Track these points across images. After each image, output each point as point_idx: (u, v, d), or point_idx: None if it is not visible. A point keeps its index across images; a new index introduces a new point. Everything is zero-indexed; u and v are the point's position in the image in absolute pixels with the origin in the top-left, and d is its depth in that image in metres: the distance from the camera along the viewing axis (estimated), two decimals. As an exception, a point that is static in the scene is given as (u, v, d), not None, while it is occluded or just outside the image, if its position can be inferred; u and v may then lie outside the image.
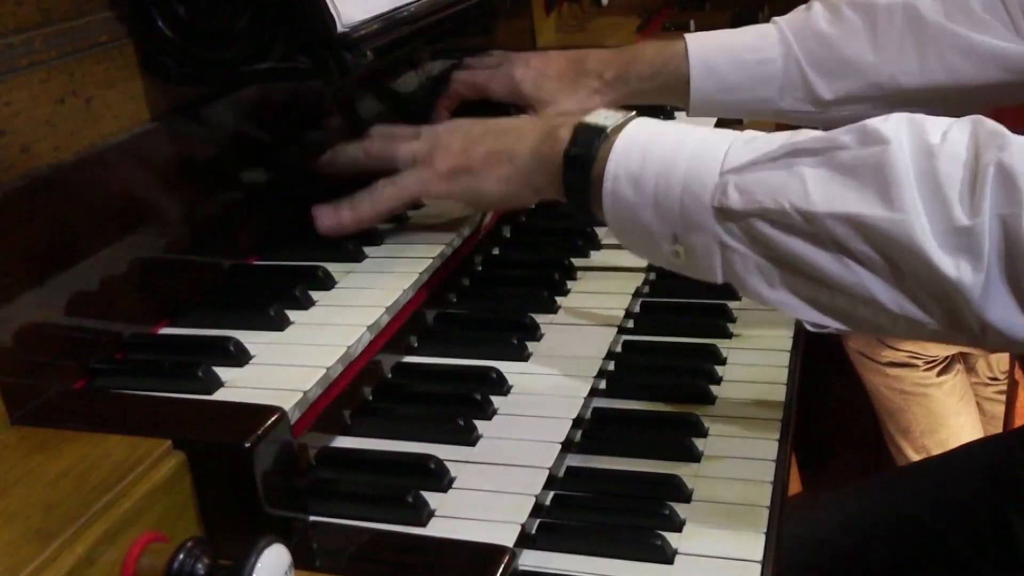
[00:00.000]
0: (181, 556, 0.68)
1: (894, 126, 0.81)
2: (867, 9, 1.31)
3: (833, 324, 0.86)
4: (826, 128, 0.87)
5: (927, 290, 0.79)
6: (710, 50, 1.33)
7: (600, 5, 2.24)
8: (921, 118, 0.83)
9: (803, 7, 1.37)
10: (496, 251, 1.35)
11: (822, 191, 0.81)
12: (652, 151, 0.90)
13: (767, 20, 2.37)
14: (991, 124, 0.80)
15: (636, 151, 0.90)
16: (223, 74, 0.99)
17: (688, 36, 1.35)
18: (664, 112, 1.64)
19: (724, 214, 0.85)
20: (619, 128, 0.93)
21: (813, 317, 0.87)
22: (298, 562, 0.71)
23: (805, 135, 0.86)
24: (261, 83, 1.10)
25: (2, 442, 0.77)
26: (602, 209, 0.93)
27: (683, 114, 1.44)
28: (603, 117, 0.96)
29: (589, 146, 0.94)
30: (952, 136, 0.80)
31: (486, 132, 1.08)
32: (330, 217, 1.11)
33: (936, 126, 0.81)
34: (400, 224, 1.19)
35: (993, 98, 1.32)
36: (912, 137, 0.80)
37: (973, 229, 0.76)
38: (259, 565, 0.66)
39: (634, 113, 0.96)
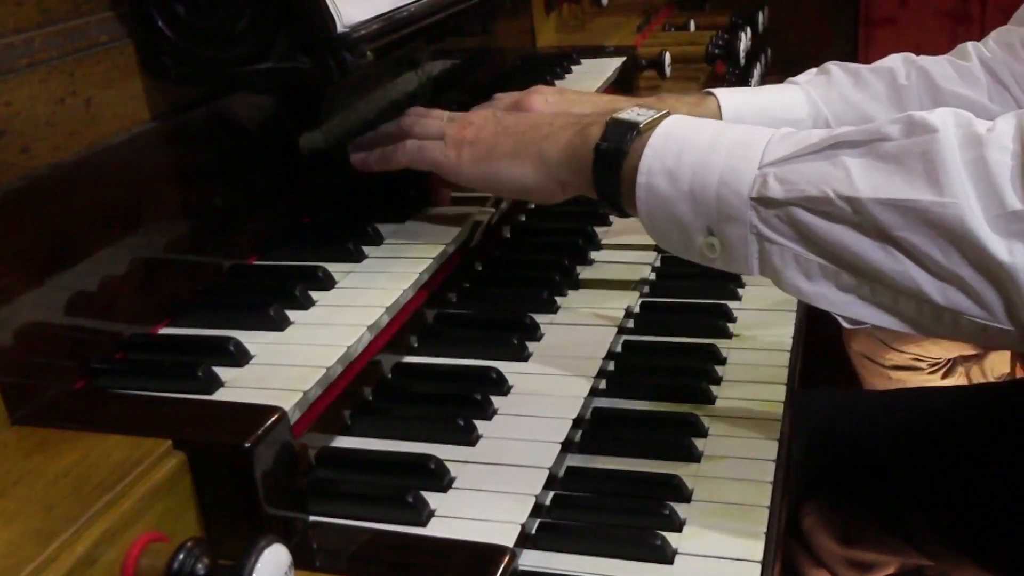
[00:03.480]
0: (181, 556, 0.68)
1: (941, 117, 0.81)
2: (887, 75, 1.35)
3: (872, 319, 0.85)
4: None
5: (978, 277, 0.78)
6: (741, 105, 1.33)
7: (600, 5, 2.24)
8: (965, 112, 0.83)
9: (817, 70, 1.39)
10: (496, 251, 1.35)
11: (867, 178, 0.81)
12: (688, 145, 0.90)
13: (767, 21, 2.37)
14: None
15: (672, 145, 0.91)
16: (223, 74, 0.99)
17: (718, 92, 1.35)
18: None
19: (764, 203, 0.85)
20: (652, 124, 0.94)
21: (851, 311, 0.86)
22: (298, 562, 0.71)
23: (846, 129, 0.86)
24: (261, 83, 1.10)
25: (2, 442, 0.77)
26: (633, 204, 0.94)
27: None
28: (635, 114, 0.97)
29: (621, 141, 0.95)
30: (999, 127, 0.80)
31: (517, 123, 1.09)
32: (359, 157, 1.19)
33: (980, 120, 0.81)
34: (400, 224, 1.19)
35: None
36: (959, 128, 0.80)
37: None
38: (259, 565, 0.66)
39: (667, 111, 0.97)
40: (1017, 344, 0.81)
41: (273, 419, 0.78)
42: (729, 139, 0.90)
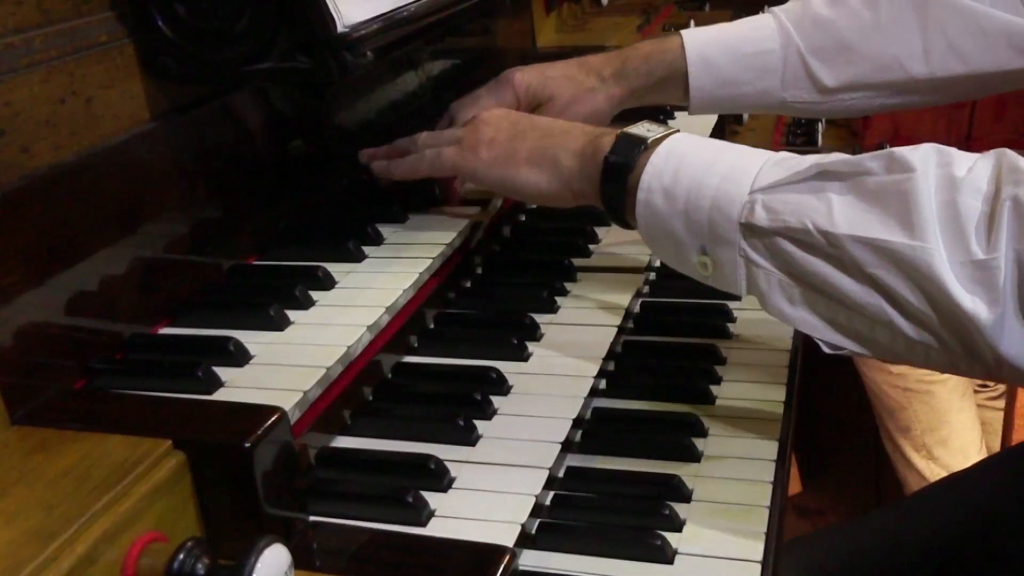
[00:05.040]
0: (181, 556, 0.68)
1: (922, 155, 0.82)
2: None
3: (850, 346, 0.87)
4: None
5: (943, 319, 0.80)
6: (707, 44, 1.32)
7: (600, 5, 2.24)
8: (948, 150, 0.83)
9: None
10: (496, 251, 1.35)
11: (846, 214, 0.82)
12: (686, 166, 0.92)
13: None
14: (1013, 158, 0.80)
15: (671, 164, 0.92)
16: (223, 74, 0.99)
17: (684, 32, 1.34)
18: (664, 112, 1.64)
19: (750, 230, 0.87)
20: (659, 141, 0.95)
21: (831, 338, 0.88)
22: (298, 562, 0.71)
23: (834, 158, 0.87)
24: (261, 83, 1.11)
25: (2, 442, 0.77)
26: (634, 217, 0.96)
27: (684, 114, 1.43)
28: (645, 129, 0.98)
29: (628, 155, 0.96)
30: (976, 170, 0.80)
31: (533, 128, 1.10)
32: (380, 165, 1.20)
33: (963, 159, 0.82)
34: (400, 224, 1.19)
35: (1006, 84, 1.28)
36: (939, 168, 0.81)
37: (989, 263, 0.76)
38: (259, 565, 0.66)
39: (676, 129, 0.98)
40: (985, 378, 0.82)
41: (273, 419, 0.78)
42: (726, 162, 0.91)
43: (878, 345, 0.86)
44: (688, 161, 0.92)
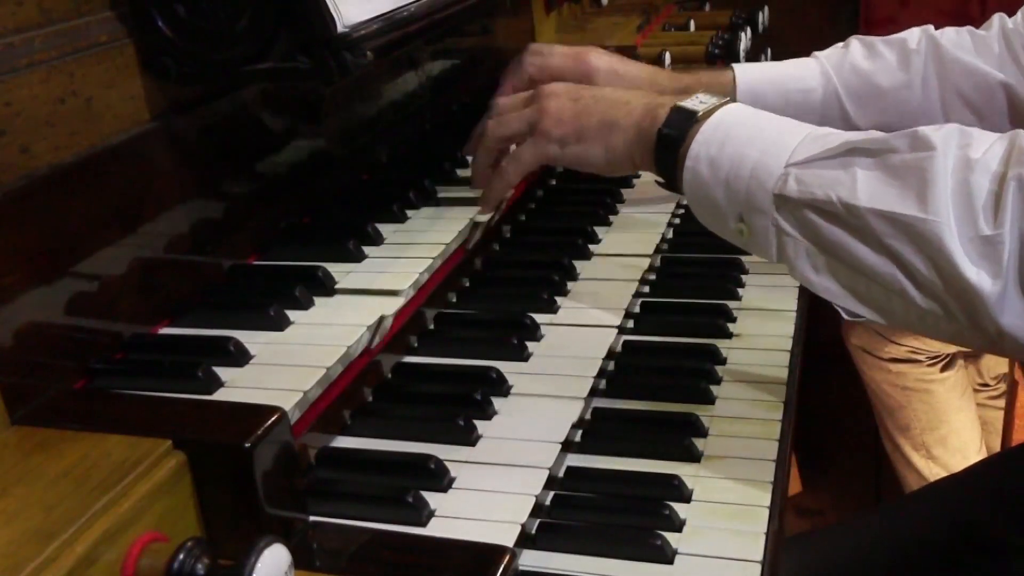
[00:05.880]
0: (181, 556, 0.68)
1: (944, 135, 0.87)
2: (900, 45, 1.43)
3: (868, 314, 0.93)
4: None
5: (950, 290, 0.84)
6: (756, 80, 1.44)
7: (600, 5, 2.24)
8: (971, 130, 0.88)
9: (841, 44, 1.48)
10: (496, 251, 1.35)
11: (868, 188, 0.88)
12: (731, 138, 0.98)
13: (767, 21, 2.38)
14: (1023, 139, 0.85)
15: (718, 136, 0.99)
16: (223, 74, 0.99)
17: (736, 66, 1.46)
18: None
19: (782, 201, 0.93)
20: (709, 113, 1.02)
21: (851, 305, 0.93)
22: (298, 562, 0.71)
23: (864, 135, 0.93)
24: (261, 83, 1.10)
25: (2, 442, 0.77)
26: (683, 184, 1.03)
27: None
28: (698, 102, 1.05)
29: (680, 127, 1.03)
30: (992, 150, 0.85)
31: (596, 101, 1.16)
32: (483, 200, 1.25)
33: (982, 139, 0.87)
34: (400, 224, 1.19)
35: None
36: (958, 149, 0.86)
37: (994, 239, 0.82)
38: (259, 565, 0.66)
39: (728, 100, 1.05)
40: (990, 350, 0.86)
41: (273, 419, 0.78)
42: (768, 136, 0.97)
43: (893, 314, 0.91)
44: (733, 134, 0.98)
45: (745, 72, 1.45)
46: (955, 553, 1.32)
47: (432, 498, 0.87)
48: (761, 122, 1.00)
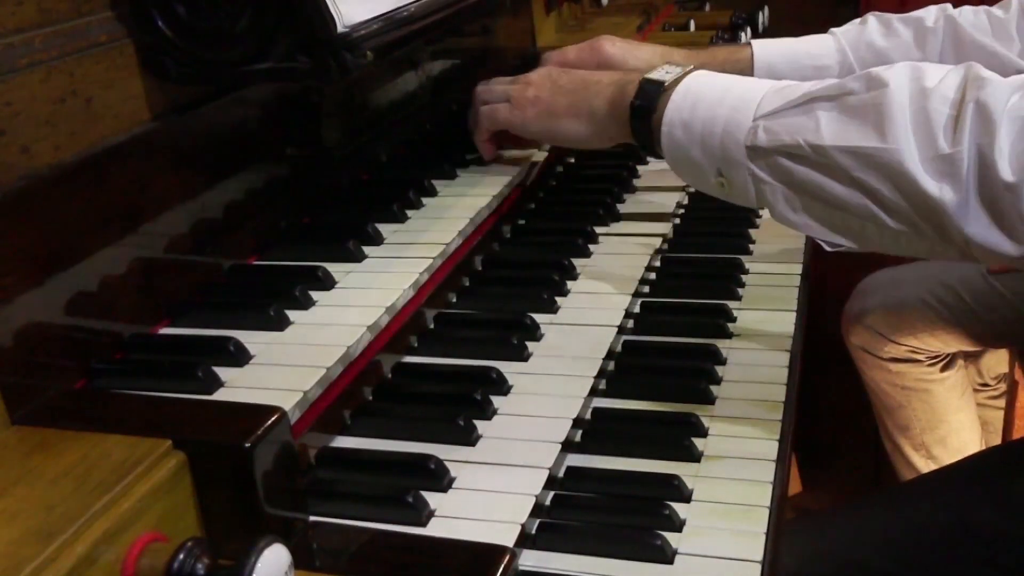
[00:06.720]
0: (181, 556, 0.68)
1: (896, 72, 0.95)
2: (916, 24, 1.47)
3: (846, 243, 1.00)
4: None
5: (916, 208, 0.92)
6: (773, 54, 1.50)
7: (600, 5, 2.24)
8: (923, 65, 0.96)
9: (858, 21, 1.52)
10: (496, 251, 1.35)
11: (831, 129, 0.95)
12: (700, 101, 1.06)
13: (767, 21, 2.38)
14: (978, 69, 0.92)
15: (688, 101, 1.06)
16: (223, 74, 0.99)
17: (755, 42, 1.52)
18: None
19: (754, 151, 1.00)
20: (676, 82, 1.09)
21: (830, 238, 1.01)
22: (298, 562, 0.71)
23: (822, 84, 1.00)
24: (261, 83, 1.10)
25: (2, 442, 0.77)
26: (662, 148, 1.10)
27: None
28: (664, 73, 1.13)
29: (650, 98, 1.11)
30: (947, 80, 0.92)
31: (571, 81, 1.26)
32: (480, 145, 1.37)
33: (935, 72, 0.94)
34: (400, 224, 1.19)
35: None
36: (911, 82, 0.93)
37: (954, 156, 0.89)
38: (259, 565, 0.66)
39: (691, 67, 1.12)
40: (960, 259, 0.95)
41: (273, 419, 0.78)
42: (734, 94, 1.04)
43: (869, 240, 0.98)
44: (702, 96, 1.06)
45: (763, 48, 1.50)
46: (951, 542, 1.33)
47: (432, 498, 0.87)
48: (726, 83, 1.07)
